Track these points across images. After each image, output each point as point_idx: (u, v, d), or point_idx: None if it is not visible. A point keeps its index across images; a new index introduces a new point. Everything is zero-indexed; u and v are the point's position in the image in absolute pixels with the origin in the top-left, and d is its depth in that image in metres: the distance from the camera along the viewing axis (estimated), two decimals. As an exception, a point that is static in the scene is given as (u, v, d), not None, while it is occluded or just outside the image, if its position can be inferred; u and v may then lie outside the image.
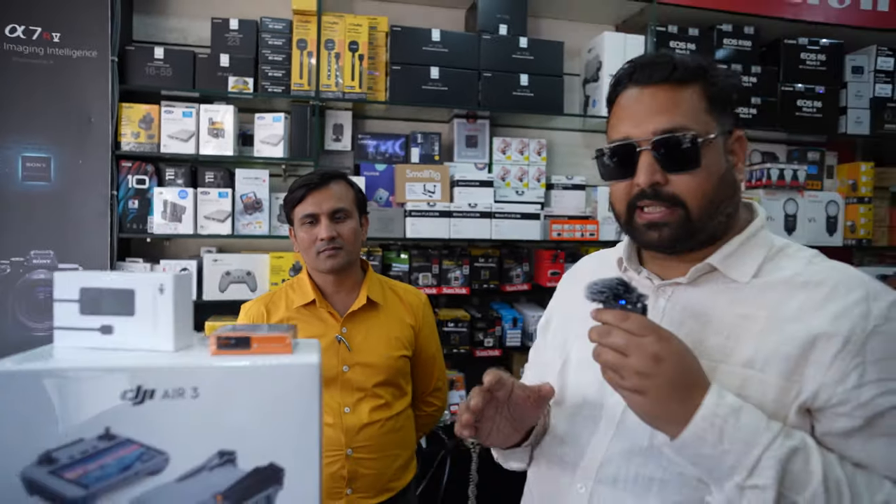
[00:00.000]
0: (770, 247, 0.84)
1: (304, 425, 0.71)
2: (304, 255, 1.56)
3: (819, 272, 0.79)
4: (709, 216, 0.81)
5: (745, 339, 0.78)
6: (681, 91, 0.81)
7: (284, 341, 0.75)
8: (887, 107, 2.99)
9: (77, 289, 0.76)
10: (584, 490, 0.85)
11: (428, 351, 1.71)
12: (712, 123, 0.82)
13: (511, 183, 2.69)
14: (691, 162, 0.79)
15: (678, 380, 0.70)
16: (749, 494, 0.68)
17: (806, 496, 0.67)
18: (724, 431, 0.68)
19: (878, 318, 0.73)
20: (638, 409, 0.72)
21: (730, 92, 0.85)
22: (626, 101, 0.84)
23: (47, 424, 0.66)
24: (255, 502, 0.71)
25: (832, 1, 2.91)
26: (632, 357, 0.70)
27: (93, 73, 2.18)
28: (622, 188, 0.85)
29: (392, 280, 1.75)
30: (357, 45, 2.41)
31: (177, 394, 0.69)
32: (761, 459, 0.67)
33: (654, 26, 2.68)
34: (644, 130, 0.81)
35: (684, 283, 0.85)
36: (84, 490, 0.67)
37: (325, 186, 1.52)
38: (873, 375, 0.72)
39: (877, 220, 3.02)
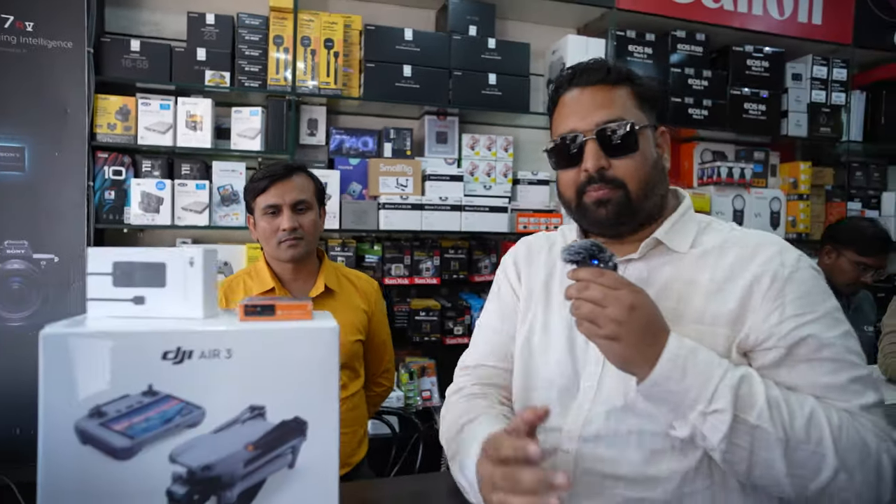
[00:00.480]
0: (699, 222, 1.00)
1: (324, 382, 0.80)
2: (265, 243, 1.61)
3: (741, 237, 0.95)
4: (645, 196, 0.95)
5: (692, 300, 0.91)
6: (615, 90, 0.96)
7: (305, 308, 0.84)
8: (822, 112, 3.24)
9: (110, 263, 0.83)
10: (569, 451, 0.95)
11: (380, 335, 1.79)
12: (643, 117, 0.96)
13: (479, 178, 2.80)
14: (630, 147, 0.93)
15: (648, 326, 0.81)
16: (710, 419, 0.79)
17: (755, 413, 0.78)
18: (685, 369, 0.80)
19: (790, 266, 0.89)
20: (614, 354, 0.82)
21: (654, 94, 1.00)
22: (569, 100, 0.98)
23: (97, 381, 0.74)
24: (281, 452, 0.79)
25: (773, 13, 3.14)
26: (609, 307, 0.80)
27: (68, 64, 2.19)
28: (571, 176, 0.97)
29: (346, 267, 1.83)
30: (332, 42, 2.49)
31: (212, 354, 0.77)
32: (718, 388, 0.79)
33: (613, 31, 2.84)
34: (588, 123, 0.94)
35: (636, 258, 0.97)
36: (130, 440, 0.75)
37: (288, 178, 1.57)
38: (791, 311, 0.86)
39: (814, 216, 3.26)
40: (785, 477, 0.79)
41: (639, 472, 0.90)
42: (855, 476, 0.79)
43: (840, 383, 0.84)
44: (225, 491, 0.77)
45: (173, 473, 0.75)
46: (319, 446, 0.80)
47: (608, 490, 0.91)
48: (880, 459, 0.80)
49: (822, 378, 0.85)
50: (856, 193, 3.44)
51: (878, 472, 0.80)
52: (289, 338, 0.79)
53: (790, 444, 0.79)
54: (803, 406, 0.81)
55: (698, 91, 2.98)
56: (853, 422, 0.82)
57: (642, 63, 2.92)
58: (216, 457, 0.77)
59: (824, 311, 0.87)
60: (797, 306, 0.86)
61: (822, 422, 0.80)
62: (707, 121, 2.99)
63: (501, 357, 1.12)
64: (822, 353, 0.85)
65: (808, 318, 0.86)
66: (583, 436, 0.94)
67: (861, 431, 0.81)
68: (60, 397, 0.73)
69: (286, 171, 1.59)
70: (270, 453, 0.79)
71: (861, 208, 3.38)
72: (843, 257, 2.31)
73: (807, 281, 0.88)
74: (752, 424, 0.78)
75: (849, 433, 0.80)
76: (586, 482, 0.93)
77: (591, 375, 0.96)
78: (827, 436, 0.79)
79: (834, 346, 0.85)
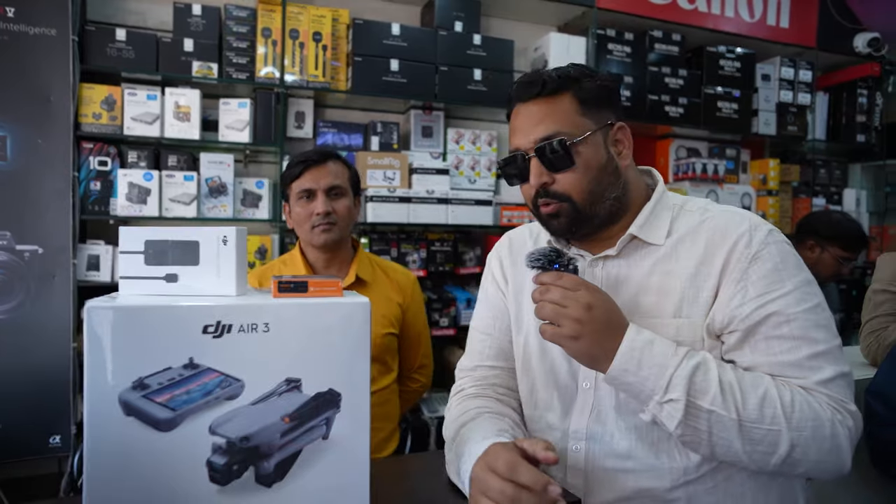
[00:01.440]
0: (673, 206, 1.00)
1: (357, 356, 0.83)
2: (299, 229, 1.62)
3: (713, 217, 0.96)
4: (593, 204, 0.96)
5: (671, 293, 0.94)
6: (553, 101, 0.95)
7: (337, 286, 0.87)
8: (789, 111, 3.39)
9: (142, 241, 0.85)
10: (579, 449, 0.99)
11: (415, 329, 1.77)
12: (587, 123, 0.95)
13: (464, 172, 2.84)
14: (567, 161, 0.94)
15: (606, 323, 0.85)
16: (667, 407, 0.83)
17: (708, 399, 0.82)
18: (641, 361, 0.84)
19: (758, 244, 0.90)
20: (577, 352, 0.86)
21: (602, 93, 0.97)
22: (516, 115, 0.99)
23: (139, 354, 0.75)
24: (316, 423, 0.82)
25: (744, 15, 3.27)
26: (569, 307, 0.84)
27: (51, 52, 2.15)
28: (526, 190, 1.00)
29: (381, 259, 1.81)
30: (321, 35, 2.49)
31: (251, 328, 0.79)
32: (672, 378, 0.83)
33: (594, 29, 2.91)
34: (528, 140, 0.96)
35: (613, 254, 0.99)
36: (172, 412, 0.77)
37: (323, 164, 1.58)
38: (753, 293, 0.88)
39: (782, 211, 3.40)
40: (744, 454, 0.84)
41: (646, 463, 0.94)
42: (810, 450, 0.83)
43: (797, 360, 0.87)
44: (262, 461, 0.80)
45: (213, 444, 0.78)
46: (352, 418, 0.83)
47: (620, 483, 0.95)
48: (835, 432, 0.83)
49: (779, 356, 0.87)
50: (820, 190, 3.60)
51: (833, 443, 0.83)
52: (324, 312, 0.82)
53: (744, 425, 0.82)
54: (757, 387, 0.84)
55: (674, 89, 3.08)
56: (807, 397, 0.85)
57: (621, 61, 3.01)
58: (254, 428, 0.79)
59: (793, 285, 0.89)
60: (761, 286, 0.88)
61: (774, 400, 0.83)
62: (682, 118, 3.10)
63: (496, 357, 1.14)
64: (783, 329, 0.87)
65: (774, 296, 0.88)
66: (589, 434, 0.98)
67: (814, 406, 0.84)
68: (104, 369, 0.74)
69: (321, 156, 1.59)
70: (306, 425, 0.82)
71: (825, 204, 3.54)
72: (826, 252, 2.39)
73: (774, 257, 0.90)
74: (707, 409, 0.82)
75: (801, 409, 0.83)
76: (599, 477, 0.97)
77: (587, 376, 1.00)
78: (780, 413, 0.82)
79: (797, 321, 0.87)
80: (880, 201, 3.76)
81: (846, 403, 0.87)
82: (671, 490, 0.93)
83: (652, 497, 0.94)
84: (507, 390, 1.13)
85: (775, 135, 3.34)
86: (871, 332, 1.63)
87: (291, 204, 1.62)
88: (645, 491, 0.94)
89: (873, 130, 3.63)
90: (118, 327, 0.75)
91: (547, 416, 1.04)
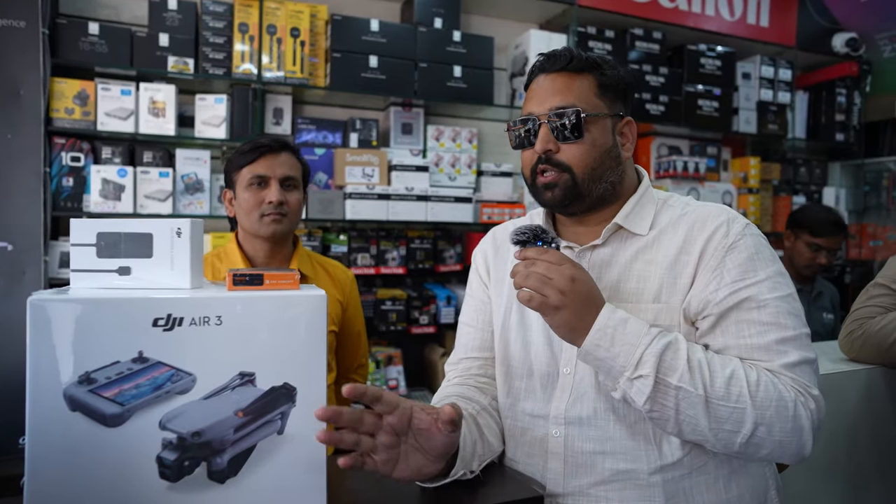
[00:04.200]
0: (657, 201, 1.05)
1: (313, 350, 0.82)
2: (245, 217, 1.54)
3: (693, 210, 1.01)
4: (591, 181, 0.99)
5: (651, 279, 0.97)
6: (576, 78, 1.00)
7: (293, 278, 0.85)
8: (769, 110, 3.41)
9: (94, 234, 0.83)
10: (558, 434, 1.00)
11: (354, 327, 1.73)
12: (601, 106, 1.00)
13: (444, 169, 2.83)
14: (576, 133, 0.98)
15: (588, 297, 0.88)
16: (636, 384, 0.86)
17: (676, 376, 0.85)
18: (614, 338, 0.86)
19: (735, 235, 0.94)
20: (559, 321, 0.88)
21: (619, 83, 1.03)
22: (536, 85, 1.03)
23: (86, 348, 0.74)
24: (271, 418, 0.81)
25: (725, 14, 3.28)
26: (554, 278, 0.86)
27: (21, 45, 2.11)
28: (528, 156, 1.03)
29: (320, 256, 1.78)
30: (298, 31, 2.47)
31: (203, 321, 0.78)
32: (643, 356, 0.85)
33: (574, 27, 2.91)
34: (543, 108, 1.00)
35: (599, 243, 1.02)
36: (120, 407, 0.75)
37: (278, 153, 1.53)
38: (727, 279, 0.92)
39: (763, 209, 3.43)
40: (710, 432, 0.86)
41: (622, 445, 0.96)
42: (773, 429, 0.85)
43: (765, 343, 0.90)
44: (215, 457, 0.78)
45: (163, 440, 0.76)
46: (308, 413, 0.81)
47: (598, 465, 0.97)
48: (797, 413, 0.86)
49: (748, 339, 0.91)
50: (800, 188, 3.62)
51: (795, 423, 0.86)
52: (278, 305, 0.81)
53: (710, 402, 0.85)
54: (725, 367, 0.87)
55: (655, 87, 3.09)
56: (773, 378, 0.87)
57: (602, 59, 3.00)
58: (206, 423, 0.78)
59: (765, 275, 0.93)
60: (736, 273, 0.92)
61: (741, 379, 0.86)
62: (663, 116, 3.11)
63: (479, 348, 1.16)
64: (753, 314, 0.91)
65: (748, 283, 0.92)
66: (567, 419, 0.99)
67: (779, 387, 0.86)
68: (48, 364, 0.73)
69: (277, 144, 1.54)
70: (260, 419, 0.80)
71: (805, 202, 3.57)
72: (799, 240, 2.46)
73: (750, 247, 0.94)
74: (675, 386, 0.84)
75: (766, 388, 0.86)
76: (578, 461, 0.98)
77: (568, 361, 1.01)
78: (745, 392, 0.85)
79: (769, 306, 0.91)
80: (859, 199, 3.79)
81: (810, 388, 0.89)
82: (649, 475, 0.94)
83: (630, 480, 0.95)
84: (489, 379, 1.14)
85: (756, 133, 3.36)
86: (856, 320, 1.62)
87: (238, 191, 1.54)
88: (623, 473, 0.95)
89: (852, 129, 3.66)
90: (63, 321, 0.73)
91: (526, 405, 1.05)
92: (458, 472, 0.89)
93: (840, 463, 1.62)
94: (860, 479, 1.65)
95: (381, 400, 0.80)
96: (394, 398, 0.82)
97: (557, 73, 1.01)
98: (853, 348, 1.62)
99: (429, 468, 0.85)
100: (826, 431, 1.56)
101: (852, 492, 1.64)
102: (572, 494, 0.97)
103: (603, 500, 0.96)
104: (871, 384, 1.62)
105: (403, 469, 0.84)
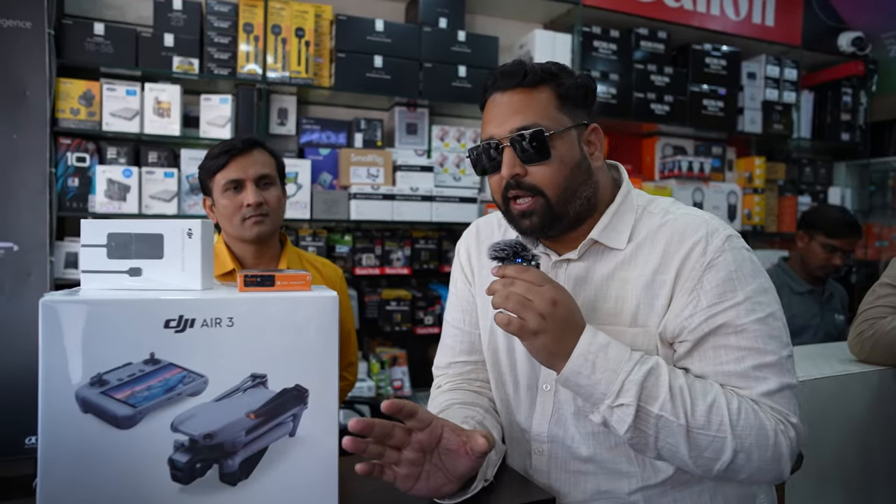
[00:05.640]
0: (636, 209, 0.99)
1: (324, 351, 0.82)
2: (226, 223, 1.52)
3: (673, 220, 0.95)
4: (566, 201, 0.94)
5: (629, 299, 0.94)
6: (532, 93, 0.93)
7: (304, 279, 0.85)
8: (774, 109, 3.40)
9: (104, 234, 0.83)
10: (542, 452, 1.00)
11: (345, 325, 1.71)
12: (563, 119, 0.94)
13: (449, 169, 2.83)
14: (542, 153, 0.91)
15: (568, 320, 0.84)
16: (617, 412, 0.83)
17: (658, 404, 0.82)
18: (595, 364, 0.83)
19: (713, 252, 0.89)
20: (537, 347, 0.84)
21: (578, 91, 0.96)
22: (491, 105, 0.96)
23: (98, 350, 0.73)
24: (283, 420, 0.80)
25: (730, 13, 3.27)
26: (534, 301, 0.82)
27: (26, 45, 2.11)
28: (496, 181, 0.97)
29: (309, 253, 1.76)
30: (303, 31, 2.47)
31: (214, 323, 0.77)
32: (625, 384, 0.82)
33: (579, 26, 2.91)
34: (504, 129, 0.93)
35: (575, 258, 0.98)
36: (132, 409, 0.74)
37: (248, 152, 1.49)
38: (704, 303, 0.88)
39: (768, 209, 3.42)
40: (689, 460, 0.84)
41: (605, 467, 0.96)
42: (752, 456, 0.83)
43: (742, 370, 0.87)
44: (227, 459, 0.78)
45: (175, 442, 0.76)
46: (320, 414, 0.81)
47: (581, 485, 0.97)
48: (777, 441, 0.84)
49: (725, 366, 0.88)
50: (805, 188, 3.61)
51: (775, 451, 0.84)
52: (290, 306, 0.80)
53: (691, 431, 0.83)
54: (706, 394, 0.85)
55: (660, 87, 3.08)
56: (753, 406, 0.85)
57: (607, 59, 3.00)
58: (218, 425, 0.77)
59: (745, 295, 0.88)
60: (713, 295, 0.88)
61: (722, 408, 0.83)
62: (668, 116, 3.10)
63: (469, 352, 1.14)
64: (730, 340, 0.88)
65: (726, 305, 0.88)
66: (551, 437, 0.99)
67: (760, 416, 0.84)
68: (60, 366, 0.72)
69: (245, 144, 1.50)
70: (272, 421, 0.80)
71: (810, 202, 3.56)
72: (814, 241, 2.41)
73: (729, 265, 0.89)
74: (656, 415, 0.82)
75: (747, 417, 0.83)
76: (562, 479, 0.98)
77: (547, 378, 0.99)
78: (726, 421, 0.83)
79: (746, 331, 0.87)
80: (864, 200, 3.78)
81: (789, 416, 0.87)
82: (628, 494, 0.95)
83: (612, 498, 0.95)
84: (485, 383, 1.12)
85: (761, 133, 3.35)
86: (866, 320, 1.60)
87: (216, 197, 1.51)
88: (605, 493, 0.96)
89: (858, 129, 3.65)
90: (75, 322, 0.73)
91: (516, 416, 1.04)
92: (477, 487, 0.88)
93: (849, 465, 1.61)
94: (870, 482, 1.64)
95: (416, 416, 0.80)
96: (428, 416, 0.81)
97: (513, 91, 0.94)
98: (863, 350, 1.61)
99: (447, 487, 0.84)
100: (835, 433, 1.56)
101: (862, 494, 1.63)
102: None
103: None
104: (881, 385, 1.62)
105: (423, 486, 0.83)
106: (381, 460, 0.80)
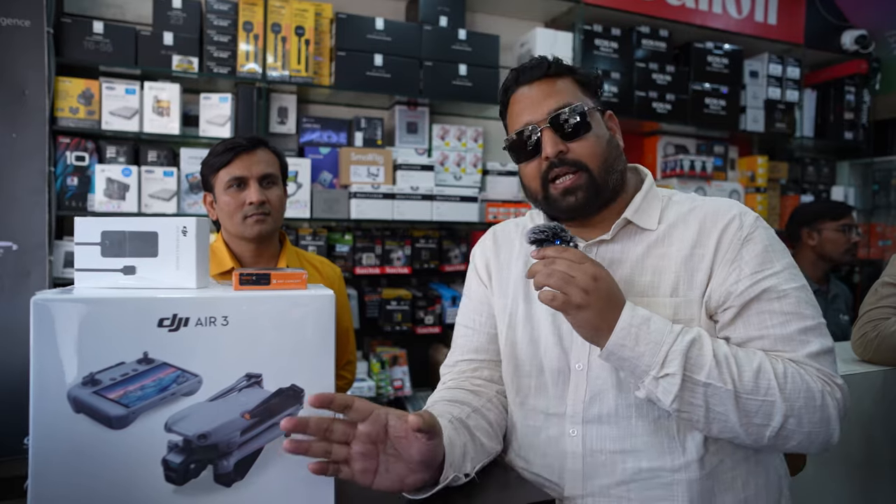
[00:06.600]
0: (662, 197, 1.04)
1: (321, 350, 0.81)
2: (227, 220, 1.52)
3: (702, 205, 1.00)
4: (607, 173, 0.99)
5: (667, 273, 0.96)
6: (558, 81, 1.01)
7: (301, 278, 0.84)
8: (777, 108, 3.38)
9: (98, 232, 0.81)
10: (575, 433, 0.97)
11: (342, 324, 1.70)
12: (589, 101, 1.02)
13: (449, 168, 2.82)
14: (583, 127, 0.98)
15: (611, 295, 0.86)
16: (663, 382, 0.84)
17: (704, 372, 0.84)
18: (638, 337, 0.85)
19: (749, 227, 0.95)
20: (582, 321, 0.86)
21: (592, 81, 1.05)
22: (519, 97, 1.02)
23: (91, 349, 0.72)
24: (278, 420, 0.79)
25: (732, 12, 3.26)
26: (577, 277, 0.85)
27: (25, 44, 2.11)
28: (533, 167, 1.01)
29: (308, 252, 1.76)
30: (303, 29, 2.46)
31: (209, 321, 0.76)
32: (668, 354, 0.84)
33: (580, 25, 2.89)
34: (540, 113, 0.99)
35: (608, 238, 1.00)
36: (125, 409, 0.73)
37: (253, 151, 1.50)
38: (747, 271, 0.92)
39: (770, 208, 3.40)
40: (740, 427, 0.85)
41: (645, 443, 0.93)
42: (803, 420, 0.85)
43: (788, 334, 0.90)
44: (221, 460, 0.77)
45: (169, 442, 0.75)
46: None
47: (619, 465, 0.94)
48: (825, 402, 0.86)
49: (771, 330, 0.91)
50: (808, 187, 3.59)
51: (823, 413, 0.86)
52: (286, 305, 0.79)
53: (740, 396, 0.84)
54: (751, 360, 0.87)
55: (662, 86, 3.06)
56: (798, 369, 0.87)
57: (608, 58, 2.99)
58: (213, 425, 0.76)
59: (782, 266, 0.93)
60: (755, 264, 0.92)
61: (768, 372, 0.85)
62: (670, 115, 3.08)
63: (475, 350, 1.14)
64: (775, 305, 0.91)
65: (767, 273, 0.92)
66: (586, 417, 0.97)
67: (806, 378, 0.86)
68: (52, 365, 0.71)
69: (250, 143, 1.50)
70: (267, 422, 0.79)
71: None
72: (825, 231, 2.38)
73: (764, 239, 0.95)
74: (703, 383, 0.84)
75: (794, 380, 0.85)
76: (598, 461, 0.95)
77: (579, 357, 0.99)
78: (774, 385, 0.84)
79: (789, 297, 0.91)
80: (868, 199, 3.76)
81: (834, 377, 0.89)
82: (672, 472, 0.92)
83: (653, 479, 0.93)
84: (485, 381, 1.12)
85: (763, 132, 3.34)
86: (869, 321, 1.59)
87: (218, 194, 1.52)
88: (645, 472, 0.93)
89: (861, 128, 3.63)
90: (67, 321, 0.72)
91: (538, 402, 1.03)
92: (447, 476, 0.84)
93: (854, 464, 1.60)
94: (874, 481, 1.63)
95: (352, 407, 0.77)
96: (366, 406, 0.78)
97: (539, 81, 1.01)
98: (867, 350, 1.60)
99: (412, 478, 0.81)
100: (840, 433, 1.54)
101: (866, 493, 1.62)
102: (592, 495, 0.95)
103: (625, 500, 0.93)
104: (886, 385, 1.60)
105: (384, 479, 0.80)
106: (329, 458, 0.77)
